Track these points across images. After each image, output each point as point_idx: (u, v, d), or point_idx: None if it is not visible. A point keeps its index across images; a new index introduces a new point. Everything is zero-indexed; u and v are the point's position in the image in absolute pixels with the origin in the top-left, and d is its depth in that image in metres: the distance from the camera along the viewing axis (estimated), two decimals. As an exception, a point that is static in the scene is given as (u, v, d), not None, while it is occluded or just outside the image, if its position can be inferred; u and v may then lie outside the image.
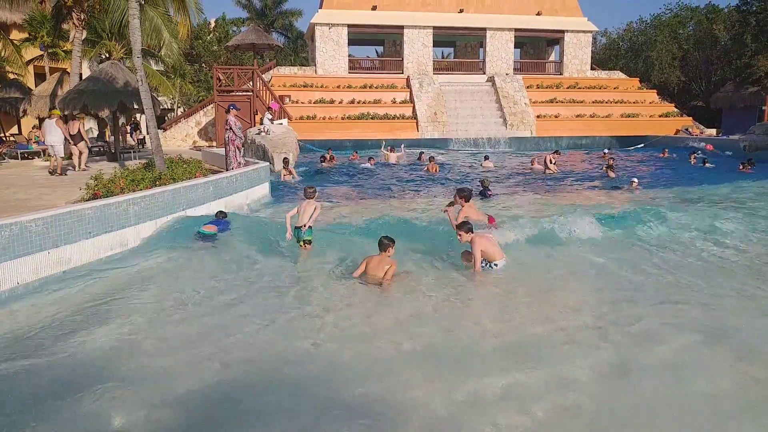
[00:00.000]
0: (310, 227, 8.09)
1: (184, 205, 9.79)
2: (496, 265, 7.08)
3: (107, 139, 22.39)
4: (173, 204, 9.41)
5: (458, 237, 7.32)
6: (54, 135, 14.51)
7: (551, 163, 18.83)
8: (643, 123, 31.22)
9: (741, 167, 18.31)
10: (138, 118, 30.23)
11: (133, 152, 20.10)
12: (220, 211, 9.73)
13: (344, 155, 22.88)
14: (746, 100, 36.16)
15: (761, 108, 33.58)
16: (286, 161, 16.63)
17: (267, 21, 50.16)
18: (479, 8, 34.34)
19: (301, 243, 8.09)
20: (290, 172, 16.34)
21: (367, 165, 19.32)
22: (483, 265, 7.08)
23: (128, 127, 28.99)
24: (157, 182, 10.15)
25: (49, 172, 14.39)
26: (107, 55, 21.64)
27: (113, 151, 19.13)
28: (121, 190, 8.73)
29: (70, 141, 15.17)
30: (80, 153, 15.43)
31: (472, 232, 7.24)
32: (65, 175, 14.17)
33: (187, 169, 12.18)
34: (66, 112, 16.73)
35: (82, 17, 18.94)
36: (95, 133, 27.26)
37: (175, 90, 35.30)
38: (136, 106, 18.04)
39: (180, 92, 36.62)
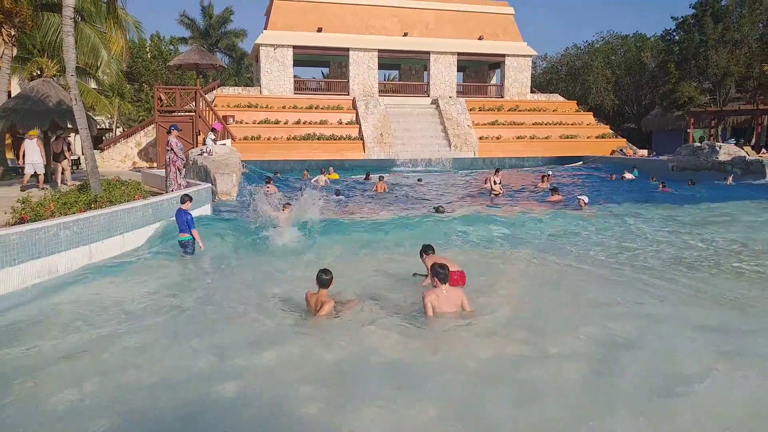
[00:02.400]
0: None
1: (121, 228, 9.43)
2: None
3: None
4: (110, 228, 9.06)
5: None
6: (34, 154, 15.36)
7: (495, 183, 19.12)
8: (580, 144, 32.39)
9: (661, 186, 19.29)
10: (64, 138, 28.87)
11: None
12: (185, 195, 9.90)
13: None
14: (673, 123, 38.19)
15: (686, 131, 35.51)
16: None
17: (211, 41, 49.55)
18: (423, 32, 35.07)
19: None
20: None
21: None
22: None
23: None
24: (93, 205, 9.72)
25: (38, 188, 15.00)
26: (39, 73, 20.70)
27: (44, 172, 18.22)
28: (51, 214, 8.28)
29: (50, 159, 16.70)
30: (63, 170, 16.49)
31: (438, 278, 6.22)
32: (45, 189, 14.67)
33: (125, 191, 11.74)
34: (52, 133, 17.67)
35: (12, 33, 18.14)
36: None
37: (113, 109, 34.20)
38: (69, 126, 17.32)
39: (119, 112, 35.51)
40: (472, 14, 36.13)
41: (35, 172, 15.35)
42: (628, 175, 23.90)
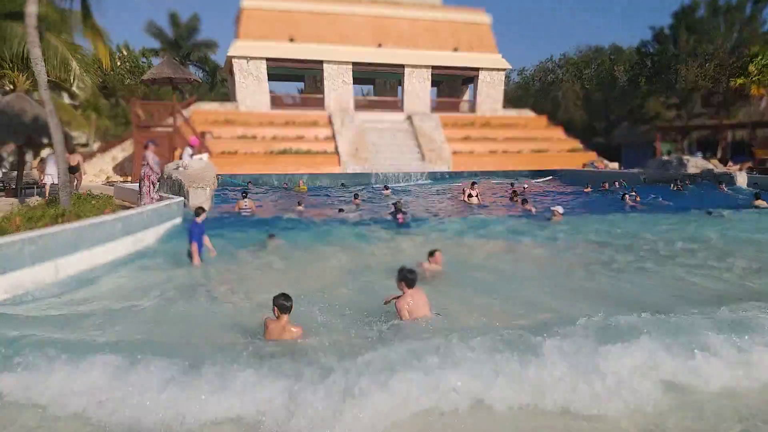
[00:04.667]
0: None
1: (89, 243, 9.48)
2: None
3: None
4: (77, 242, 9.09)
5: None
6: (53, 168, 16.51)
7: (470, 196, 19.44)
8: (551, 158, 32.98)
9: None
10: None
11: (36, 188, 19.17)
12: (199, 207, 10.43)
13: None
14: (641, 137, 39.18)
15: (654, 144, 36.47)
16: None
17: (182, 53, 49.25)
18: (398, 42, 35.18)
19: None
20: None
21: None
22: None
23: None
24: (60, 219, 9.79)
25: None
26: (12, 87, 20.68)
27: (14, 186, 18.24)
28: (16, 229, 8.39)
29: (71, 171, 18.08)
30: (75, 181, 17.89)
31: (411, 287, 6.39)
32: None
33: (95, 205, 11.81)
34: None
35: (-23, 46, 18.10)
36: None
37: (89, 125, 34.10)
38: (45, 141, 17.35)
39: (95, 127, 35.40)
40: (448, 23, 36.27)
41: (53, 182, 16.86)
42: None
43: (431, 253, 8.91)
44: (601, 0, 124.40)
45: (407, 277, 6.33)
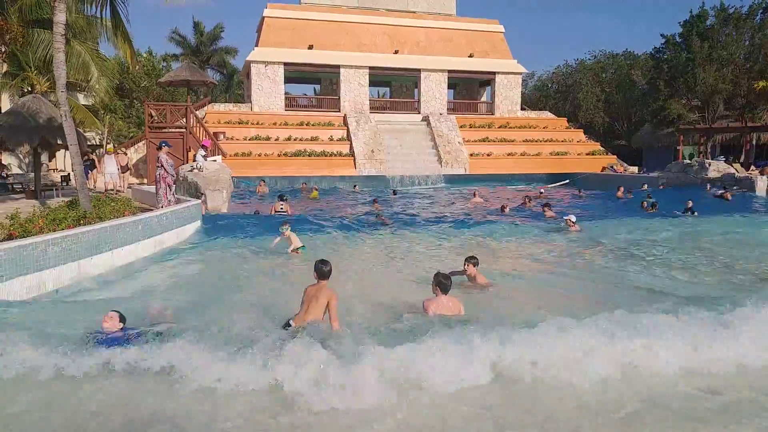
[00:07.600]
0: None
1: (111, 245, 9.34)
2: None
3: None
4: (99, 244, 8.96)
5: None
6: (112, 166, 19.39)
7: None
8: (571, 161, 32.57)
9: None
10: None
11: (56, 190, 19.09)
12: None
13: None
14: (663, 140, 38.60)
15: (676, 147, 35.90)
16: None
17: (202, 58, 49.68)
18: (413, 50, 35.30)
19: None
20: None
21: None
22: None
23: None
24: (82, 221, 9.63)
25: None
26: (30, 89, 20.64)
27: (33, 188, 18.10)
28: (39, 230, 8.18)
29: (122, 171, 20.86)
30: (124, 179, 20.57)
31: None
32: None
33: (115, 207, 11.66)
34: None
35: (3, 50, 18.08)
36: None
37: (103, 126, 34.03)
38: (60, 142, 17.21)
39: (109, 128, 35.35)
40: (463, 32, 36.48)
41: (111, 180, 19.31)
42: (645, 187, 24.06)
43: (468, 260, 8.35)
44: (603, 7, 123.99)
45: (442, 282, 6.33)
